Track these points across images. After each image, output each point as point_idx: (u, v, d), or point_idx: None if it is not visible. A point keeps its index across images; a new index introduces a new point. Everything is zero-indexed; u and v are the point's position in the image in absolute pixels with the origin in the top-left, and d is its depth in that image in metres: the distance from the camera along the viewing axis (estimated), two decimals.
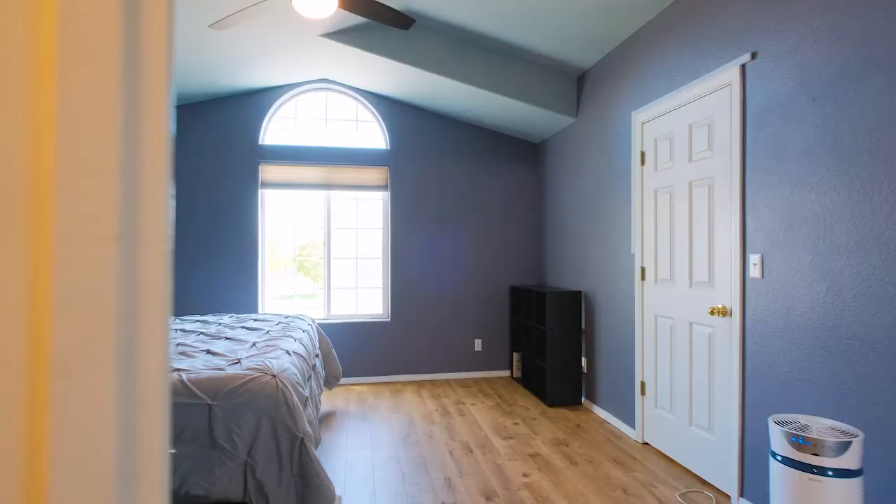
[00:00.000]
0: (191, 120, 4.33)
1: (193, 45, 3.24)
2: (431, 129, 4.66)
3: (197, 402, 2.02)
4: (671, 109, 2.79)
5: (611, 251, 3.45)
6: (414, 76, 3.86)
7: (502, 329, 4.79)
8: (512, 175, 4.80)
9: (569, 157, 4.15)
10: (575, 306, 3.85)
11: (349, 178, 4.56)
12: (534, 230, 4.85)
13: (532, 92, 3.90)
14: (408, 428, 3.40)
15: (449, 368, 4.68)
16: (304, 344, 2.91)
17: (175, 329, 3.14)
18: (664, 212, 2.87)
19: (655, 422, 2.92)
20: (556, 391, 3.83)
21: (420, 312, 4.63)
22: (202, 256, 4.33)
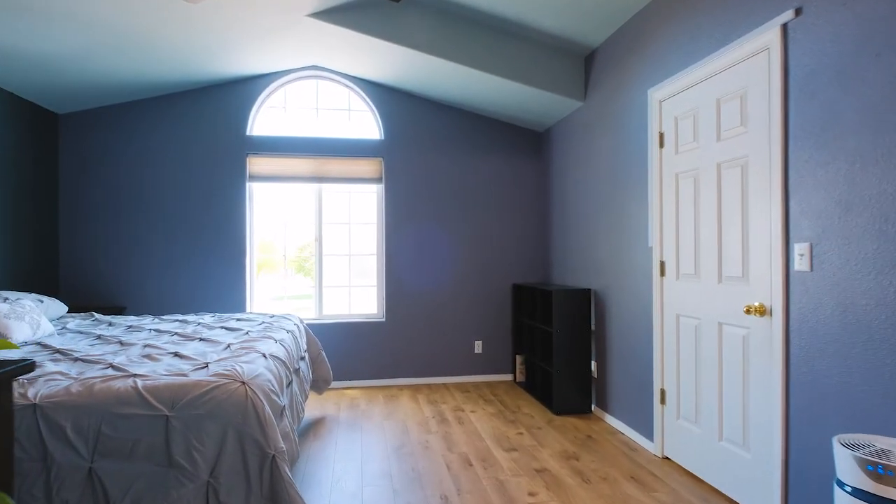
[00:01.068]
0: (174, 110, 4.04)
1: (173, 26, 2.96)
2: (428, 118, 4.37)
3: (152, 413, 1.73)
4: (695, 83, 2.49)
5: (625, 245, 3.16)
6: (408, 59, 3.58)
7: (504, 330, 4.49)
8: (514, 166, 4.51)
9: (576, 145, 3.86)
10: (584, 305, 3.55)
11: (341, 171, 4.27)
12: (538, 224, 4.55)
13: (536, 74, 3.61)
14: (402, 437, 3.11)
15: (447, 372, 4.38)
16: (287, 346, 2.62)
17: (149, 329, 2.85)
18: (687, 199, 2.57)
19: (678, 434, 2.62)
20: (564, 398, 3.53)
21: (416, 312, 4.34)
22: (188, 254, 4.05)
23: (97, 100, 3.87)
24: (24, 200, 3.60)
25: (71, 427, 1.69)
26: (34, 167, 3.70)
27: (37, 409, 1.68)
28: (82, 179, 3.97)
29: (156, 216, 4.03)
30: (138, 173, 4.01)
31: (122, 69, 3.46)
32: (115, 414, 1.71)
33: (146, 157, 4.02)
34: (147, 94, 3.96)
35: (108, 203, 3.99)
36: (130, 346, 2.41)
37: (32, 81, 3.40)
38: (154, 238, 4.03)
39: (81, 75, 3.44)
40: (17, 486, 1.65)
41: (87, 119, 3.98)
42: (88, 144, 3.98)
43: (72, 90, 3.62)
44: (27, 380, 1.82)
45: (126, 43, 3.13)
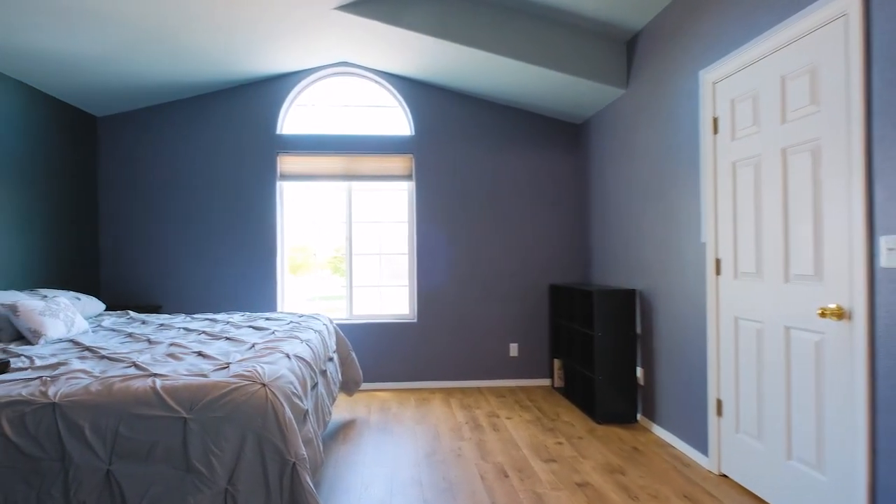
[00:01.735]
0: (206, 110, 4.07)
1: (201, 23, 2.94)
2: (460, 112, 4.23)
3: (169, 415, 1.66)
4: (754, 60, 2.24)
5: (674, 242, 2.91)
6: (439, 51, 3.45)
7: (541, 332, 4.28)
8: (550, 160, 4.30)
9: (617, 136, 3.63)
10: (628, 307, 3.32)
11: (371, 168, 4.19)
12: (576, 221, 4.33)
13: (573, 61, 3.40)
14: (433, 443, 2.97)
15: (481, 375, 4.22)
16: (313, 346, 2.52)
17: (178, 327, 2.83)
18: (746, 188, 2.32)
19: (737, 450, 2.37)
20: (607, 405, 3.30)
21: (449, 313, 4.19)
22: (220, 253, 4.06)
23: (133, 102, 3.93)
24: (67, 201, 3.69)
25: (89, 427, 1.63)
26: (76, 169, 3.79)
27: (56, 408, 1.64)
28: (120, 180, 4.04)
29: (189, 216, 4.06)
30: (172, 173, 4.06)
31: (155, 69, 3.49)
32: (133, 414, 1.65)
33: (180, 157, 4.06)
34: (180, 95, 3.99)
35: (145, 203, 4.05)
36: (157, 344, 2.38)
37: (72, 84, 3.47)
38: (188, 238, 4.06)
39: (117, 77, 3.49)
40: (37, 485, 1.61)
41: (124, 121, 4.06)
42: (125, 146, 4.05)
43: (109, 92, 3.69)
44: (50, 377, 1.79)
45: (157, 42, 3.14)
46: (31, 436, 1.61)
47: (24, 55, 2.99)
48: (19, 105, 3.27)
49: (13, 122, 3.21)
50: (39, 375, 1.81)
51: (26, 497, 1.60)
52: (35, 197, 3.37)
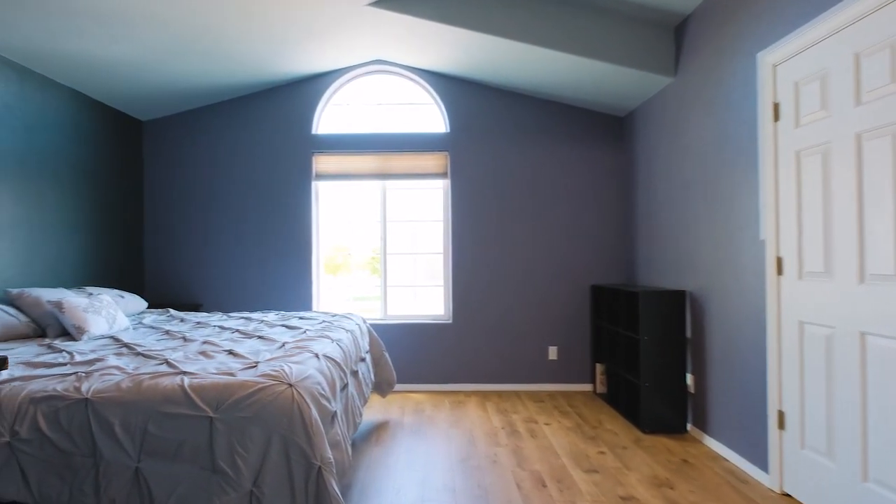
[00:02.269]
0: (244, 112, 4.13)
1: (236, 25, 2.97)
2: (496, 108, 4.11)
3: (196, 414, 1.64)
4: (822, 38, 2.02)
5: (728, 239, 2.69)
6: (475, 44, 3.35)
7: (581, 335, 4.10)
8: (591, 155, 4.11)
9: (665, 127, 3.41)
10: (677, 310, 3.10)
11: (406, 166, 4.13)
12: (619, 219, 4.11)
13: (618, 50, 3.22)
14: (468, 448, 2.86)
15: (519, 379, 4.08)
16: (344, 346, 2.48)
17: (214, 326, 2.86)
18: (813, 179, 2.10)
19: (802, 467, 2.14)
20: (654, 414, 3.10)
21: (485, 314, 4.08)
22: (257, 252, 4.11)
23: (175, 106, 4.04)
24: (115, 203, 3.82)
25: (119, 424, 1.63)
26: (123, 171, 3.93)
27: (88, 404, 1.65)
28: (164, 182, 4.17)
29: (228, 216, 4.13)
30: (212, 175, 4.14)
31: (194, 73, 3.56)
32: (161, 413, 1.64)
33: (219, 158, 4.14)
34: (219, 97, 4.07)
35: (186, 203, 4.15)
36: (191, 342, 2.39)
37: (118, 90, 3.59)
38: (226, 237, 4.13)
39: (159, 81, 3.58)
40: (69, 480, 1.62)
41: (167, 124, 4.18)
42: (169, 148, 4.17)
43: (152, 97, 3.80)
44: (85, 373, 1.81)
45: (196, 46, 3.19)
46: (64, 431, 1.63)
47: (74, 62, 3.10)
48: (71, 111, 3.40)
49: (66, 127, 3.35)
50: (75, 371, 1.83)
51: (59, 492, 1.62)
52: (85, 199, 3.51)
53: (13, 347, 2.25)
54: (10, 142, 2.90)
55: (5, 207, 2.86)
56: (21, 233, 2.97)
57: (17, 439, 1.62)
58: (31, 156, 3.05)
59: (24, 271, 2.98)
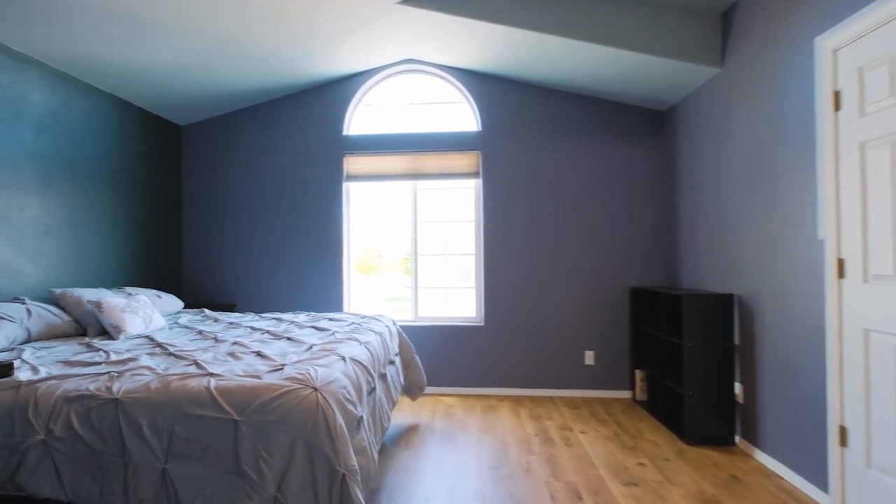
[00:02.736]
0: (277, 115, 4.18)
1: (270, 31, 2.98)
2: (530, 105, 4.00)
3: (221, 417, 1.62)
4: (891, 17, 1.83)
5: (781, 239, 2.50)
6: (507, 40, 3.26)
7: (620, 340, 3.92)
8: (630, 152, 3.94)
9: (710, 121, 3.22)
10: (724, 314, 2.91)
11: (437, 166, 4.07)
12: (660, 217, 3.92)
13: (659, 41, 3.06)
14: (500, 455, 2.77)
15: (553, 384, 3.94)
16: (372, 349, 2.43)
17: (245, 326, 2.87)
18: (880, 174, 1.90)
19: (868, 489, 1.94)
20: (699, 424, 2.91)
21: (519, 316, 3.97)
22: (289, 253, 4.15)
23: (211, 110, 4.13)
24: (155, 206, 3.93)
25: (147, 425, 1.63)
26: (162, 175, 4.04)
27: (118, 405, 1.65)
28: (200, 184, 4.26)
29: (261, 217, 4.18)
30: (246, 177, 4.21)
31: (228, 77, 3.61)
32: (188, 414, 1.63)
33: (253, 161, 4.20)
34: (253, 100, 4.13)
35: (222, 205, 4.23)
36: (222, 342, 2.40)
37: (157, 95, 3.69)
38: (259, 238, 4.18)
39: (196, 86, 3.65)
40: (100, 479, 1.63)
41: (203, 128, 4.28)
42: (205, 152, 4.26)
43: (189, 101, 3.89)
44: (117, 373, 1.83)
45: (228, 50, 3.23)
46: (95, 430, 1.64)
47: (114, 69, 3.20)
48: (113, 117, 3.52)
49: (108, 132, 3.46)
50: (108, 371, 1.85)
51: (90, 490, 1.63)
52: (126, 202, 3.62)
53: (55, 345, 2.32)
54: (56, 147, 3.02)
55: (52, 210, 2.98)
56: (66, 235, 3.08)
57: (52, 437, 1.64)
58: (76, 160, 3.17)
59: (69, 272, 3.09)
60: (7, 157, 2.70)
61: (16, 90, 2.77)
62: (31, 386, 1.74)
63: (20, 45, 2.75)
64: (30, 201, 2.83)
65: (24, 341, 2.33)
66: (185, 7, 2.68)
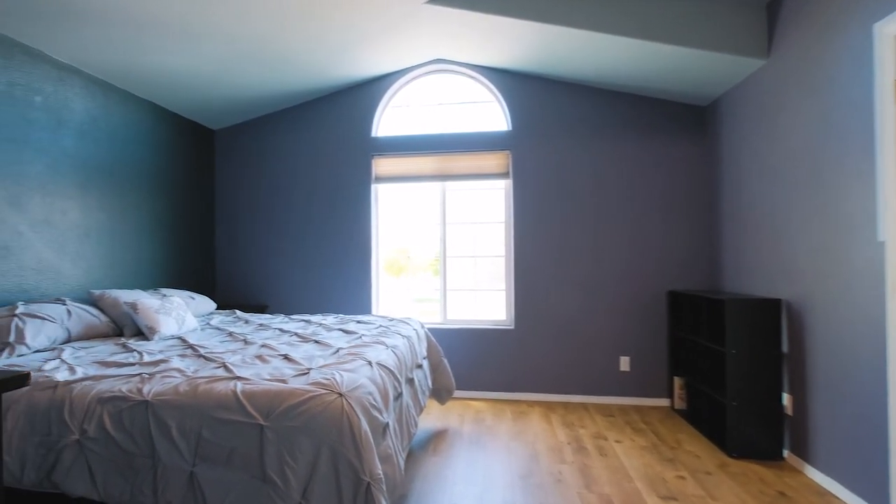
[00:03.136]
0: (307, 118, 4.21)
1: (299, 35, 3.00)
2: (561, 102, 3.89)
3: (247, 421, 1.61)
4: None
5: (835, 241, 2.33)
6: (538, 36, 3.17)
7: (657, 345, 3.77)
8: (669, 149, 3.78)
9: (755, 116, 3.04)
10: (770, 320, 2.74)
11: (466, 167, 4.01)
12: (701, 218, 3.74)
13: (699, 32, 2.92)
14: (530, 464, 2.69)
15: (586, 390, 3.82)
16: (399, 353, 2.39)
17: (274, 328, 2.89)
18: None
19: None
20: (743, 436, 2.75)
21: (550, 320, 3.86)
22: (318, 255, 4.17)
23: (243, 114, 4.20)
24: (189, 209, 4.03)
25: (176, 427, 1.64)
26: (197, 179, 4.14)
27: (148, 406, 1.67)
28: (233, 188, 4.34)
29: (291, 220, 4.22)
30: (277, 179, 4.25)
31: (259, 82, 3.65)
32: (215, 418, 1.62)
33: (284, 163, 4.25)
34: (284, 104, 4.17)
35: (253, 208, 4.29)
36: (251, 345, 2.41)
37: (191, 101, 3.77)
38: (289, 240, 4.22)
39: (228, 91, 3.71)
40: (131, 480, 1.65)
41: (236, 132, 4.35)
42: (237, 155, 4.34)
43: (222, 106, 3.96)
44: (148, 374, 1.85)
45: (258, 55, 3.26)
46: (126, 431, 1.66)
47: (150, 76, 3.28)
48: (150, 123, 3.62)
49: (145, 138, 3.56)
50: (140, 372, 1.88)
51: (122, 490, 1.65)
52: (162, 205, 3.72)
53: (93, 345, 2.38)
54: (96, 153, 3.12)
55: (92, 214, 3.08)
56: (105, 238, 3.18)
57: (86, 437, 1.67)
58: (114, 165, 3.27)
59: (108, 273, 3.19)
60: (51, 163, 2.80)
61: (59, 99, 2.87)
62: (67, 386, 1.77)
63: (63, 55, 2.85)
64: (71, 205, 2.93)
65: (64, 341, 2.40)
66: (215, 14, 2.72)
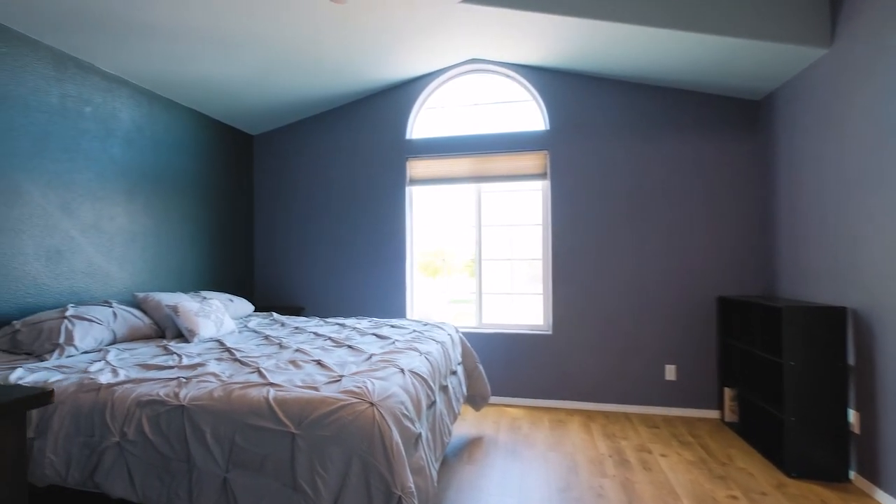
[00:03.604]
0: (342, 121, 4.24)
1: (333, 39, 3.00)
2: (602, 100, 3.74)
3: (279, 429, 1.59)
4: None
5: None
6: (576, 32, 3.06)
7: (706, 354, 3.56)
8: (718, 147, 3.57)
9: (816, 109, 2.82)
10: (834, 330, 2.53)
11: (502, 168, 3.92)
12: (754, 219, 3.51)
13: (752, 21, 2.73)
14: (569, 476, 2.58)
15: (629, 399, 3.65)
16: (433, 360, 2.34)
17: (309, 332, 2.90)
18: None
19: None
20: (803, 454, 2.55)
21: (590, 326, 3.72)
22: (354, 258, 4.19)
23: (280, 119, 4.26)
24: (229, 213, 4.12)
25: (210, 432, 1.64)
26: (236, 183, 4.23)
27: (184, 411, 1.68)
28: (271, 192, 4.41)
29: (327, 222, 4.25)
30: (313, 183, 4.30)
31: (294, 87, 3.69)
32: (248, 425, 1.62)
33: (319, 167, 4.28)
34: (320, 108, 4.21)
35: (290, 211, 4.35)
36: (286, 349, 2.41)
37: (231, 107, 3.85)
38: (326, 243, 4.25)
39: (265, 97, 3.77)
40: (168, 483, 1.66)
41: (274, 137, 4.43)
42: (275, 160, 4.41)
43: (260, 112, 4.03)
44: (185, 378, 1.87)
45: (294, 60, 3.29)
46: (163, 435, 1.68)
47: (192, 84, 3.37)
48: (192, 129, 3.72)
49: (187, 144, 3.67)
50: (178, 376, 1.90)
51: (159, 494, 1.66)
52: (203, 210, 3.82)
53: (136, 347, 2.45)
54: (141, 160, 3.23)
55: (137, 219, 3.18)
56: (150, 242, 3.28)
57: (126, 440, 1.70)
58: (159, 172, 3.37)
59: (152, 277, 3.29)
60: (100, 171, 2.91)
61: (107, 109, 2.98)
62: (109, 389, 1.81)
63: (111, 67, 2.97)
64: (118, 211, 3.04)
65: (110, 343, 2.48)
66: (250, 22, 2.75)
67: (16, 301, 2.46)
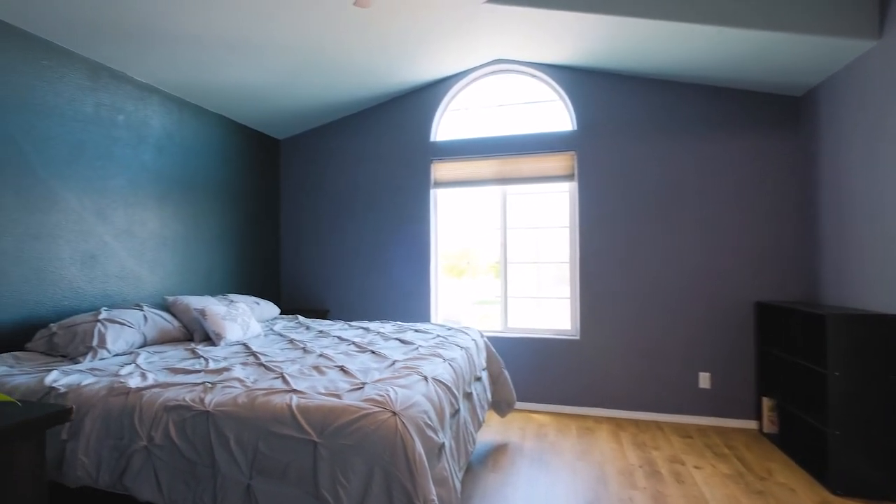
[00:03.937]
0: (367, 125, 4.25)
1: (358, 43, 3.00)
2: (631, 98, 3.63)
3: (301, 437, 1.58)
4: None
5: None
6: (604, 29, 2.98)
7: (743, 361, 3.41)
8: (756, 146, 3.41)
9: (862, 105, 2.66)
10: (884, 339, 2.37)
11: (528, 169, 3.86)
12: (794, 222, 3.34)
13: (792, 13, 2.59)
14: (597, 487, 2.50)
15: (660, 407, 3.53)
16: (457, 366, 2.30)
17: (333, 336, 2.90)
18: None
19: None
20: (849, 471, 2.40)
21: (620, 331, 3.61)
22: (378, 261, 4.18)
23: (306, 123, 4.30)
24: (257, 217, 4.18)
25: (234, 439, 1.64)
26: (264, 187, 4.29)
27: (209, 417, 1.69)
28: (297, 196, 4.46)
29: (352, 226, 4.26)
30: (338, 186, 4.32)
31: (319, 91, 3.71)
32: (271, 432, 1.61)
33: (345, 170, 4.30)
34: (344, 112, 4.23)
35: (316, 215, 4.38)
36: (310, 353, 2.42)
37: (258, 112, 3.90)
38: (350, 246, 4.26)
39: (290, 102, 3.81)
40: (193, 487, 1.67)
41: (300, 142, 4.47)
42: (301, 163, 4.45)
43: (286, 116, 4.07)
44: (210, 384, 1.88)
45: (318, 65, 3.30)
46: (189, 440, 1.69)
47: (220, 90, 3.43)
48: (220, 135, 3.78)
49: (215, 150, 3.73)
50: (204, 381, 1.92)
51: (185, 498, 1.68)
52: (231, 214, 3.88)
53: (165, 350, 2.49)
54: (171, 166, 3.29)
55: (167, 224, 3.25)
56: (179, 246, 3.35)
57: (153, 444, 1.72)
58: (188, 177, 3.44)
59: (181, 280, 3.36)
60: (132, 177, 2.98)
61: (139, 116, 3.05)
62: (137, 393, 1.84)
63: (142, 75, 3.04)
64: (149, 216, 3.11)
65: (140, 345, 2.53)
66: (275, 28, 2.77)
67: (53, 304, 2.53)
